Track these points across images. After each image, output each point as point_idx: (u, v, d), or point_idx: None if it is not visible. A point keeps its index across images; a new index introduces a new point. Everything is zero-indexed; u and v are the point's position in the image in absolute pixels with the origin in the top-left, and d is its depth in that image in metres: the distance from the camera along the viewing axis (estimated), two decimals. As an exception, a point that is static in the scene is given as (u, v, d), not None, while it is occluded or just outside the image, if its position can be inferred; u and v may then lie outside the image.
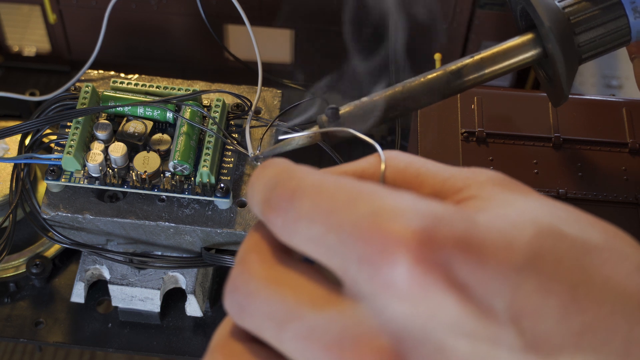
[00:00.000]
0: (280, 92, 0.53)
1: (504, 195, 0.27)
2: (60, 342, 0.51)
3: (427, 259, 0.24)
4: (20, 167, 0.49)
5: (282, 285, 0.26)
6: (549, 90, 0.42)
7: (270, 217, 0.27)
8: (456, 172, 0.28)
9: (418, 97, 0.38)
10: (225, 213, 0.47)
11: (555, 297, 0.24)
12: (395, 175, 0.29)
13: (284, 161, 0.28)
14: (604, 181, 0.46)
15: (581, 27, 0.39)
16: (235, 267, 0.27)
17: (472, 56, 0.39)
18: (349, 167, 0.30)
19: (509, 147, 0.47)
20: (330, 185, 0.26)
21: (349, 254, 0.25)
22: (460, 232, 0.24)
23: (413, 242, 0.24)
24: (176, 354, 0.51)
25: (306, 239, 0.26)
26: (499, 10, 0.59)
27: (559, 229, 0.25)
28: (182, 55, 0.64)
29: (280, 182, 0.27)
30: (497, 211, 0.26)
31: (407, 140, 0.57)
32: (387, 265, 0.24)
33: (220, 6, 0.60)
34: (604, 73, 0.69)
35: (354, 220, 0.25)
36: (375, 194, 0.25)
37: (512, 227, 0.25)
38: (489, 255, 0.24)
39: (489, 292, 0.24)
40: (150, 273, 0.49)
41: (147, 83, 0.50)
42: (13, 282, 0.53)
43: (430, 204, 0.25)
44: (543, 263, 0.24)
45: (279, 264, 0.27)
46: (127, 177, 0.48)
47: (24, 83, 0.65)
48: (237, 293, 0.27)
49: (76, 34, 0.63)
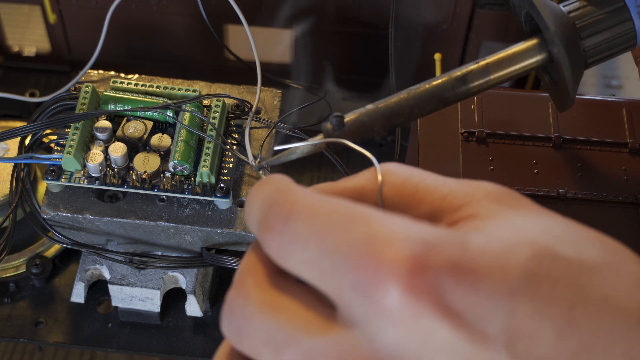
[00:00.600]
0: (280, 92, 0.53)
1: (502, 213, 0.27)
2: (60, 342, 0.51)
3: (418, 286, 0.24)
4: (20, 167, 0.49)
5: (278, 311, 0.26)
6: (554, 95, 0.42)
7: (265, 238, 0.27)
8: (455, 188, 0.28)
9: (423, 104, 0.38)
10: (225, 213, 0.47)
11: (550, 319, 0.24)
12: (393, 192, 0.29)
13: (281, 179, 0.29)
14: (604, 181, 0.45)
15: (587, 31, 0.39)
16: (232, 289, 0.28)
17: (477, 62, 0.39)
18: (347, 184, 0.30)
19: (509, 147, 0.47)
20: (324, 208, 0.26)
21: (343, 280, 0.25)
22: (453, 257, 0.24)
23: (404, 268, 0.24)
24: (176, 354, 0.51)
25: (301, 263, 0.26)
26: (499, 10, 0.59)
27: (555, 249, 0.25)
28: (182, 55, 0.64)
29: (276, 203, 0.27)
30: (493, 232, 0.25)
31: (407, 140, 0.57)
32: (380, 292, 0.24)
33: (220, 6, 0.60)
34: (604, 73, 0.69)
35: (347, 246, 0.25)
36: (367, 218, 0.26)
37: (506, 249, 0.25)
38: (482, 280, 0.24)
39: (482, 317, 0.24)
40: (150, 273, 0.49)
41: (147, 83, 0.50)
42: (13, 282, 0.53)
43: (423, 228, 0.25)
44: (538, 285, 0.24)
45: (274, 288, 0.27)
46: (127, 177, 0.48)
47: (24, 83, 0.65)
48: (234, 317, 0.27)
49: (76, 34, 0.63)
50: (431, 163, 0.46)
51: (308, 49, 0.63)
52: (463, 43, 0.61)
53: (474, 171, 0.45)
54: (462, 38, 0.61)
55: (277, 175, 0.29)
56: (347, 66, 0.65)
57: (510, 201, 0.28)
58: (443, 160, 0.46)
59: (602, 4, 0.39)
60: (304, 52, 0.63)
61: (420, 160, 0.46)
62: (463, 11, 0.59)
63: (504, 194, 0.28)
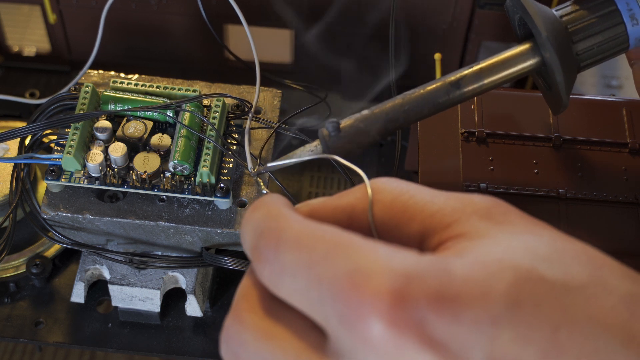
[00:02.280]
0: (280, 92, 0.53)
1: (490, 231, 0.27)
2: (60, 342, 0.51)
3: (400, 318, 0.24)
4: (20, 167, 0.49)
5: (272, 339, 0.27)
6: (548, 98, 0.42)
7: (258, 266, 0.28)
8: (444, 205, 0.28)
9: (419, 109, 0.38)
10: (225, 213, 0.47)
11: (534, 344, 0.24)
12: (383, 211, 0.29)
13: (273, 202, 0.29)
14: (604, 181, 0.45)
15: (579, 35, 0.39)
16: (230, 315, 0.29)
17: (471, 67, 0.39)
18: (340, 202, 0.30)
19: (509, 147, 0.47)
20: (311, 237, 0.27)
21: (329, 312, 0.26)
22: (434, 287, 0.25)
23: (387, 302, 0.24)
24: (176, 354, 0.51)
25: (291, 291, 0.27)
26: (499, 10, 0.59)
27: (539, 271, 0.25)
28: (182, 55, 0.64)
29: (266, 231, 0.28)
30: (477, 256, 0.26)
31: (407, 140, 0.57)
32: (364, 326, 0.25)
33: (220, 6, 0.60)
34: (604, 73, 0.69)
35: (332, 278, 0.26)
36: (351, 249, 0.26)
37: (489, 275, 0.25)
38: (463, 309, 0.24)
39: (465, 346, 0.24)
40: (150, 273, 0.49)
41: (147, 83, 0.50)
42: (13, 282, 0.53)
43: (406, 257, 0.26)
44: (521, 311, 0.24)
45: (268, 315, 0.28)
46: (127, 177, 0.48)
47: (24, 83, 0.65)
48: (231, 343, 0.28)
49: (76, 34, 0.63)
50: (431, 163, 0.46)
51: (308, 49, 0.63)
52: (463, 43, 0.61)
53: (474, 171, 0.46)
54: (462, 38, 0.61)
55: (270, 196, 0.30)
56: (347, 66, 0.65)
57: (498, 216, 0.28)
58: (443, 161, 0.46)
59: (594, 8, 0.39)
60: (304, 52, 0.63)
61: (420, 160, 0.46)
62: (463, 11, 0.59)
63: (493, 208, 0.28)
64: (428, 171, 0.46)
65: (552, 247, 0.26)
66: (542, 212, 0.44)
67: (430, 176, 0.46)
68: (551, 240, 0.27)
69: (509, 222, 0.28)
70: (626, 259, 0.43)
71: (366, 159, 0.61)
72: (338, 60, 0.64)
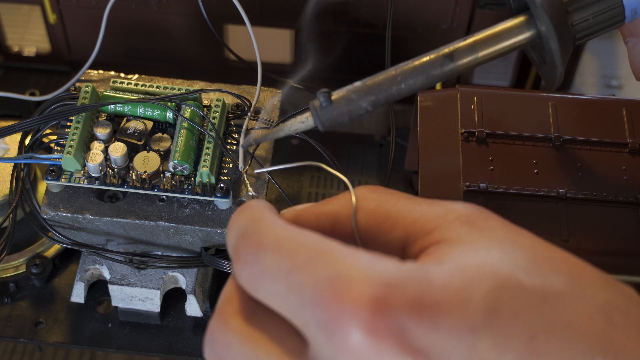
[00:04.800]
0: (280, 92, 0.53)
1: (470, 237, 0.27)
2: (60, 342, 0.51)
3: (380, 326, 0.25)
4: (20, 167, 0.49)
5: (254, 343, 0.28)
6: (543, 72, 0.42)
7: (237, 267, 0.28)
8: (426, 212, 0.29)
9: (412, 81, 0.38)
10: (225, 213, 0.47)
11: (512, 351, 0.24)
12: (367, 218, 0.30)
13: (257, 207, 0.30)
14: (604, 181, 0.45)
15: (574, 5, 0.39)
16: (214, 317, 0.29)
17: (465, 39, 0.39)
18: (324, 208, 0.31)
19: (509, 147, 0.47)
20: (293, 242, 0.27)
21: (309, 317, 0.26)
22: (414, 295, 0.25)
23: (367, 310, 0.25)
24: (176, 354, 0.51)
25: (270, 294, 0.27)
26: (499, 11, 0.59)
27: (518, 278, 0.25)
28: (182, 55, 0.64)
29: (248, 233, 0.28)
30: (457, 263, 0.26)
31: (407, 140, 0.57)
32: (343, 333, 0.25)
33: (220, 6, 0.60)
34: (604, 73, 0.69)
35: (313, 284, 0.26)
36: (333, 256, 0.26)
37: (468, 282, 0.25)
38: (442, 317, 0.25)
39: (444, 353, 0.24)
40: (150, 273, 0.49)
41: (147, 83, 0.50)
42: (13, 282, 0.53)
43: (386, 265, 0.26)
44: (499, 318, 0.25)
45: (250, 318, 0.28)
46: (127, 177, 0.48)
47: (24, 83, 0.65)
48: (215, 345, 0.28)
49: (76, 34, 0.63)
50: (431, 163, 0.46)
51: (308, 48, 0.63)
52: (463, 43, 0.61)
53: (474, 171, 0.45)
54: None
55: (255, 201, 0.30)
56: (347, 66, 0.65)
57: (479, 222, 0.28)
58: (443, 161, 0.46)
59: None
60: (304, 52, 0.63)
61: (420, 161, 0.46)
62: (463, 11, 0.59)
63: (474, 215, 0.28)
64: (428, 171, 0.46)
65: (531, 255, 0.27)
66: (542, 212, 0.44)
67: (430, 176, 0.46)
68: (531, 247, 0.27)
69: (489, 228, 0.28)
70: (626, 259, 0.43)
71: (366, 159, 0.61)
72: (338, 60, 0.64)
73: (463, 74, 0.63)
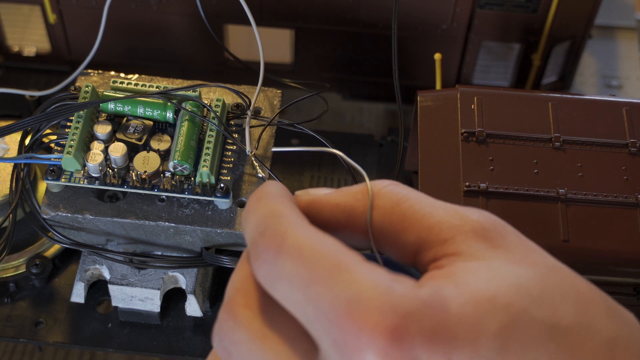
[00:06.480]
0: (281, 92, 0.53)
1: (485, 254, 0.28)
2: (60, 342, 0.51)
3: (395, 356, 0.25)
4: (20, 167, 0.49)
5: (265, 342, 0.28)
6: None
7: (255, 264, 0.28)
8: (442, 219, 0.29)
9: None
10: (225, 213, 0.47)
11: None
12: (382, 217, 0.30)
13: (276, 195, 0.29)
14: (604, 181, 0.46)
15: None
16: (223, 308, 0.29)
17: None
18: (340, 199, 0.31)
19: (509, 147, 0.47)
20: (313, 251, 0.27)
21: (323, 333, 0.26)
22: (429, 327, 0.25)
23: (384, 339, 0.25)
24: (176, 354, 0.51)
25: (286, 298, 0.27)
26: (499, 10, 0.59)
27: (530, 313, 0.26)
28: (182, 55, 0.64)
29: (268, 231, 0.28)
30: (472, 289, 0.26)
31: (407, 141, 0.57)
32: (358, 357, 0.25)
33: (220, 6, 0.60)
34: (604, 73, 0.69)
35: (330, 301, 0.26)
36: (353, 274, 0.26)
37: (482, 314, 0.26)
38: (456, 349, 0.25)
39: None
40: (150, 273, 0.49)
41: (147, 83, 0.50)
42: (13, 282, 0.53)
43: (405, 291, 0.26)
44: (509, 354, 0.25)
45: (262, 316, 0.28)
46: (127, 177, 0.48)
47: (24, 83, 0.65)
48: (224, 339, 0.28)
49: (76, 34, 0.63)
50: (431, 163, 0.46)
51: (308, 49, 0.63)
52: (463, 43, 0.61)
53: (474, 171, 0.46)
54: (462, 38, 0.61)
55: (272, 186, 0.30)
56: (347, 66, 0.65)
57: (495, 239, 0.28)
58: (443, 160, 0.46)
59: None
60: (304, 52, 0.63)
61: (420, 160, 0.46)
62: (463, 11, 0.59)
63: (491, 228, 0.29)
64: (428, 171, 0.46)
65: (543, 283, 0.27)
66: (542, 212, 0.44)
67: (430, 176, 0.46)
68: (544, 273, 0.27)
69: (505, 248, 0.28)
70: (626, 259, 0.43)
71: (366, 159, 0.61)
72: (338, 60, 0.64)
73: (463, 74, 0.63)
